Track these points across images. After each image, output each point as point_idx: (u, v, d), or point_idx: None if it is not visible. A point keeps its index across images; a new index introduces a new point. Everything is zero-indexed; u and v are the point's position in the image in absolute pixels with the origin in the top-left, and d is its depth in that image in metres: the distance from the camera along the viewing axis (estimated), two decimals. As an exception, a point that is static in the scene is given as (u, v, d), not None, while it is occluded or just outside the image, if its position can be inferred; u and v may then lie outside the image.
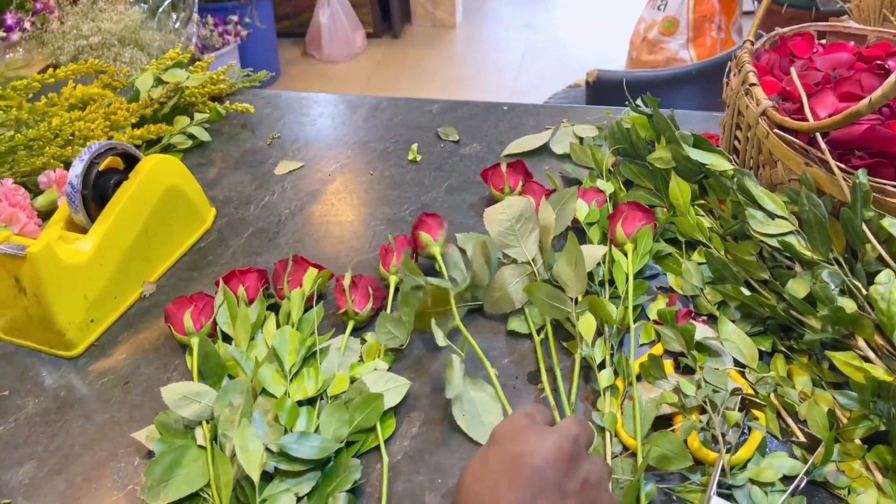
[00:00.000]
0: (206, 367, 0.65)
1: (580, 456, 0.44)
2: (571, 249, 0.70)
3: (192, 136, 1.02)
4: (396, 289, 0.74)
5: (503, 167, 0.86)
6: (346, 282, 0.72)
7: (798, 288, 0.64)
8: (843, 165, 0.66)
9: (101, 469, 0.61)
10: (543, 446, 0.43)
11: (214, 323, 0.70)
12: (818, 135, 0.67)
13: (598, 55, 3.47)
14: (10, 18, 1.90)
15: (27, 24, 1.96)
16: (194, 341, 0.67)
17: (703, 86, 1.67)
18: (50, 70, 0.94)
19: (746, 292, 0.67)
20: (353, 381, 0.64)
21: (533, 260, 0.73)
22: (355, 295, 0.72)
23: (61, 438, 0.64)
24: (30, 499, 0.59)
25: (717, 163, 0.78)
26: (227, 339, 0.70)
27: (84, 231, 0.75)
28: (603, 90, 1.67)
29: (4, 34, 1.93)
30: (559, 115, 1.05)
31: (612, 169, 0.89)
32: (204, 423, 0.60)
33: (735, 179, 0.73)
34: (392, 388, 0.64)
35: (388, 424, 0.62)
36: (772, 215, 0.69)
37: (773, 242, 0.67)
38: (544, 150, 0.99)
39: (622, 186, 0.86)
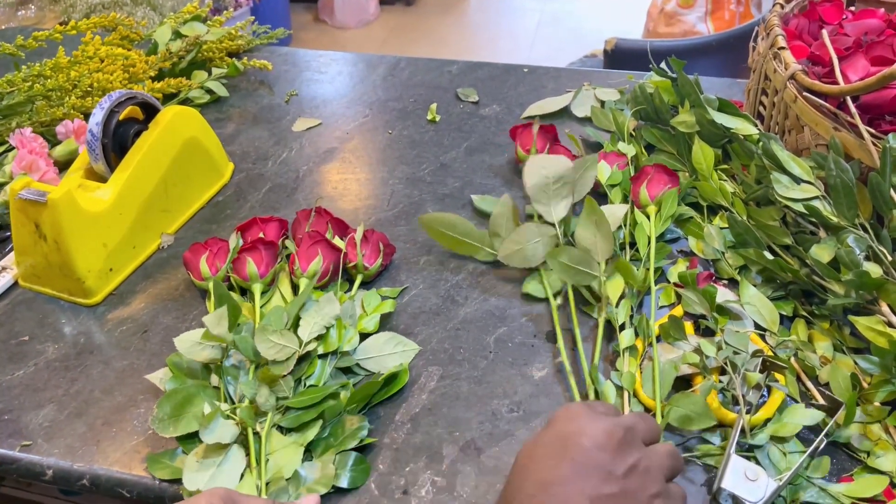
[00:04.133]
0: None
1: (632, 444, 0.44)
2: (592, 212, 0.68)
3: (209, 91, 1.01)
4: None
5: (535, 128, 0.85)
6: (358, 236, 0.72)
7: (822, 253, 0.63)
8: (872, 130, 0.65)
9: (120, 413, 0.61)
10: (594, 429, 0.44)
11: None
12: (849, 99, 0.66)
13: (614, 27, 3.42)
14: (22, -25, 1.88)
15: (40, -19, 1.95)
16: (210, 285, 0.67)
17: (723, 57, 1.65)
18: (73, 22, 0.94)
19: (769, 256, 0.67)
20: (363, 337, 0.64)
21: (559, 223, 0.72)
22: (366, 250, 0.72)
23: (81, 383, 0.64)
24: (50, 441, 0.59)
25: (742, 127, 0.77)
26: (243, 291, 0.70)
27: (103, 180, 0.75)
28: (621, 59, 1.66)
29: (17, -9, 1.92)
30: (580, 79, 1.04)
31: (633, 133, 0.88)
32: (216, 366, 0.60)
33: (760, 144, 0.72)
34: (401, 351, 0.64)
35: (402, 378, 0.62)
36: (797, 180, 0.68)
37: (799, 207, 0.67)
38: (564, 112, 0.98)
39: (643, 150, 0.85)
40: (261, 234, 0.72)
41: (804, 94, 0.71)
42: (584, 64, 2.12)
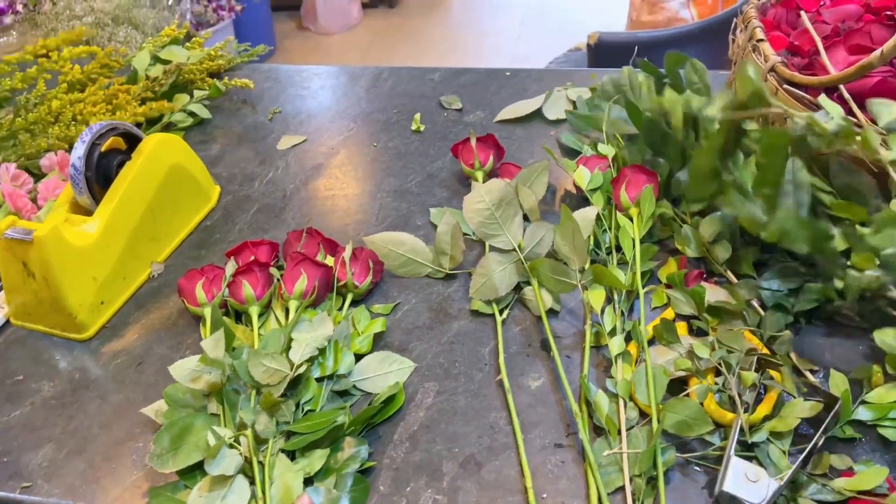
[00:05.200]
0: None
1: None
2: (567, 222, 0.68)
3: (192, 114, 1.01)
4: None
5: (472, 141, 0.85)
6: (347, 254, 0.71)
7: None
8: (863, 117, 0.65)
9: (119, 448, 0.61)
10: None
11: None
12: (842, 87, 0.67)
13: (599, 17, 3.42)
14: (1, 2, 1.88)
15: (19, 7, 1.94)
16: (206, 311, 0.66)
17: (707, 45, 1.65)
18: (40, 41, 0.93)
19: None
20: (357, 357, 0.64)
21: (519, 246, 0.70)
22: (355, 267, 0.72)
23: (78, 420, 0.64)
24: (50, 481, 0.59)
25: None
26: (238, 317, 0.70)
27: (89, 213, 0.74)
28: (604, 53, 1.65)
29: (-3, 17, 1.91)
30: (563, 80, 1.04)
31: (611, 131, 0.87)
32: (216, 391, 0.60)
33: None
34: (396, 370, 0.64)
35: (398, 400, 0.62)
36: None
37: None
38: (538, 115, 0.98)
39: (621, 142, 0.84)
40: (252, 258, 0.72)
41: (784, 86, 0.71)
42: (568, 58, 2.12)
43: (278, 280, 0.69)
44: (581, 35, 2.39)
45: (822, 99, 0.63)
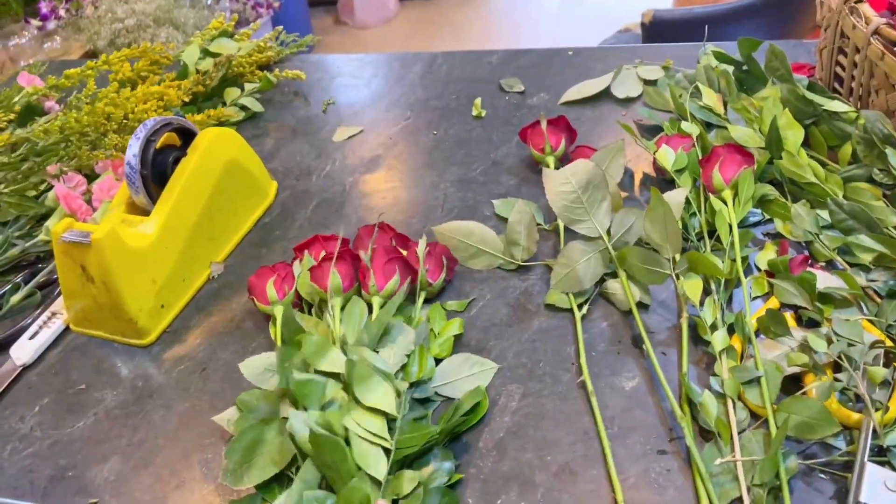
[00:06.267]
0: (288, 336, 0.61)
1: None
2: (657, 206, 0.62)
3: (244, 108, 0.97)
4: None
5: (543, 124, 0.79)
6: (421, 249, 0.67)
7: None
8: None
9: (187, 461, 0.58)
10: None
11: (298, 296, 0.66)
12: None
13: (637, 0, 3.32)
14: (44, 7, 1.88)
15: (62, 12, 1.94)
16: (278, 309, 0.63)
17: (770, 18, 1.56)
18: (103, 57, 0.91)
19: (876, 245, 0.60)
20: (437, 361, 0.60)
21: (607, 232, 0.65)
22: (429, 264, 0.67)
23: (143, 431, 0.61)
24: (118, 496, 0.56)
25: (834, 105, 0.70)
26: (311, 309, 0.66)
27: (146, 213, 0.71)
28: (661, 30, 1.58)
29: (41, 23, 1.91)
30: (629, 58, 0.98)
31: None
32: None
33: (860, 121, 0.66)
34: (478, 372, 0.60)
35: (483, 406, 0.57)
36: None
37: None
38: (606, 94, 0.92)
39: (704, 129, 0.79)
40: (323, 253, 0.68)
41: (894, 49, 0.64)
42: (618, 40, 2.04)
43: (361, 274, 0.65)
44: (621, 17, 2.31)
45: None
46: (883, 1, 0.72)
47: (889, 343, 0.55)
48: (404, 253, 0.66)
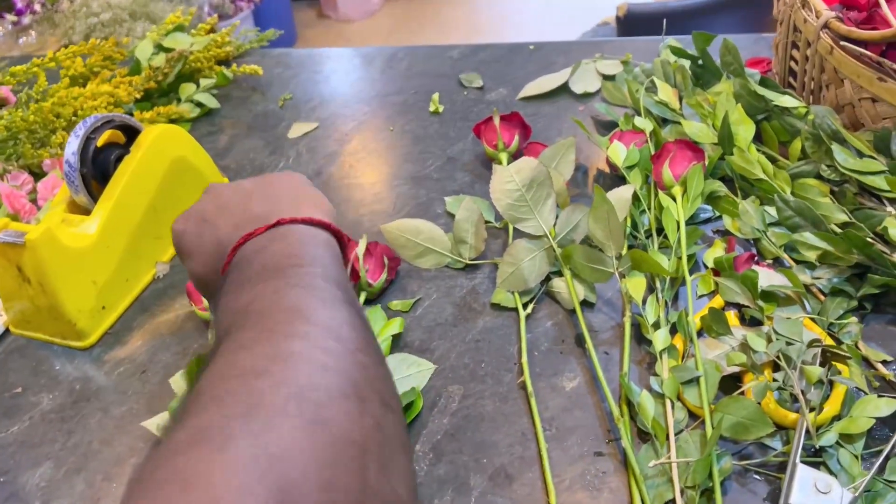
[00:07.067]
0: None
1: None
2: (600, 204, 0.61)
3: (199, 104, 0.96)
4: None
5: (496, 120, 0.78)
6: (360, 250, 0.66)
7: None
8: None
9: (120, 466, 0.57)
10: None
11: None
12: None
13: (625, -9, 3.30)
14: (19, 2, 1.86)
15: (37, 7, 1.92)
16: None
17: (744, 12, 1.56)
18: (50, 53, 0.89)
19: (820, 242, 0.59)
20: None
21: (552, 230, 0.64)
22: (369, 264, 0.66)
23: (78, 435, 0.59)
24: (48, 503, 0.55)
25: (785, 100, 0.69)
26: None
27: (87, 212, 0.70)
28: (635, 24, 1.57)
29: (16, 18, 1.89)
30: (591, 52, 0.96)
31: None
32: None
33: (809, 117, 0.65)
34: (414, 373, 0.59)
35: (415, 406, 0.56)
36: (859, 153, 0.60)
37: (868, 181, 0.59)
38: (565, 90, 0.91)
39: (659, 124, 0.78)
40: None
41: (841, 43, 0.63)
42: (596, 34, 2.03)
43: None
44: (608, 10, 2.29)
45: None
46: (835, -6, 0.71)
47: (829, 341, 0.54)
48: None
